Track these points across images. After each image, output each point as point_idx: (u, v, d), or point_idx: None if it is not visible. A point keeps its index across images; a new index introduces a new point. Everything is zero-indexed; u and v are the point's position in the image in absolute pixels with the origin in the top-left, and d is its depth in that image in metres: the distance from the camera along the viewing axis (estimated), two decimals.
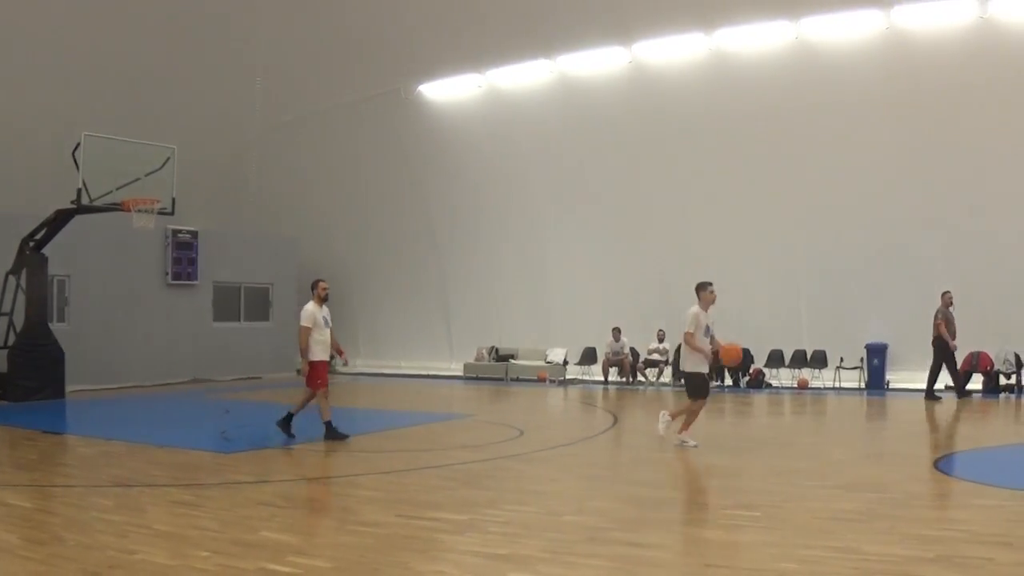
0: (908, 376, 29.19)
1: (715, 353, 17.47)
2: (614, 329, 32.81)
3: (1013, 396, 27.45)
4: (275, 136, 39.04)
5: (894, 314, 29.37)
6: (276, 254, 38.36)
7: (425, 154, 37.21)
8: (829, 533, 10.43)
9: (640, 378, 33.20)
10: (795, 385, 30.60)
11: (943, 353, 26.43)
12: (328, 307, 18.62)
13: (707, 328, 17.26)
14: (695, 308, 17.30)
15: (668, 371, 32.75)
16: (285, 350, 36.42)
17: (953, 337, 26.34)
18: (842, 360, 30.43)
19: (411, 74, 36.14)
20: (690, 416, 17.48)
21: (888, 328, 29.55)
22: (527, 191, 35.71)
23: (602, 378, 33.27)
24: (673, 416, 17.75)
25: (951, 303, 26.51)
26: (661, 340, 32.77)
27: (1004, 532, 10.54)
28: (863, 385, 30.03)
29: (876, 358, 29.76)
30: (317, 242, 39.55)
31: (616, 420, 23.16)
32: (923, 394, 26.44)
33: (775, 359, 31.39)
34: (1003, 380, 28.22)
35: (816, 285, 30.58)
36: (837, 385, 30.34)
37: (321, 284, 18.54)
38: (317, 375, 18.27)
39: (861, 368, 30.20)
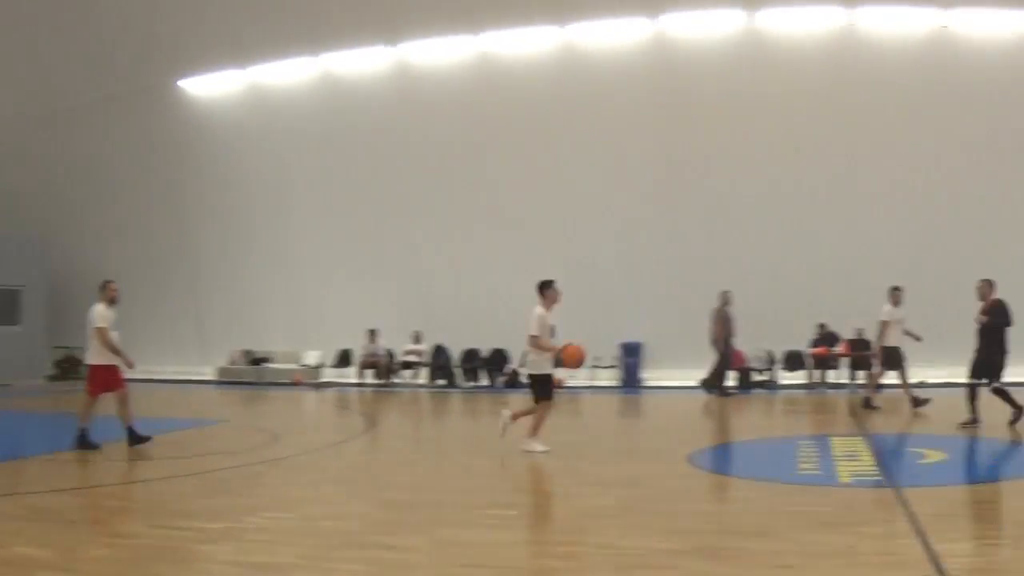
0: (663, 374, 29.75)
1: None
2: (370, 331, 32.60)
3: (766, 392, 28.16)
4: (24, 131, 37.67)
5: (649, 313, 29.88)
6: (26, 255, 36.91)
7: (182, 152, 36.29)
8: (587, 529, 10.49)
9: (396, 380, 33.01)
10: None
11: (725, 349, 27.08)
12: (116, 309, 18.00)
13: (552, 329, 16.82)
14: (539, 309, 16.71)
15: (425, 372, 32.73)
16: (36, 355, 35.46)
17: (732, 335, 26.96)
18: (599, 359, 30.79)
19: (170, 69, 35.35)
20: (537, 420, 16.74)
21: (643, 327, 30.02)
22: (285, 192, 35.22)
23: (358, 380, 32.99)
24: (515, 416, 17.08)
25: (730, 302, 27.10)
26: (417, 341, 32.70)
27: (758, 523, 10.75)
28: (619, 383, 30.36)
29: (631, 356, 30.18)
30: (70, 243, 38.22)
31: (372, 423, 23.06)
32: (705, 388, 27.51)
33: None
34: (756, 376, 28.99)
35: (572, 284, 30.75)
36: (593, 383, 30.59)
37: (111, 285, 17.69)
38: (102, 379, 17.54)
39: (617, 366, 30.56)
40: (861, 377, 29.04)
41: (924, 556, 9.01)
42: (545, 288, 16.90)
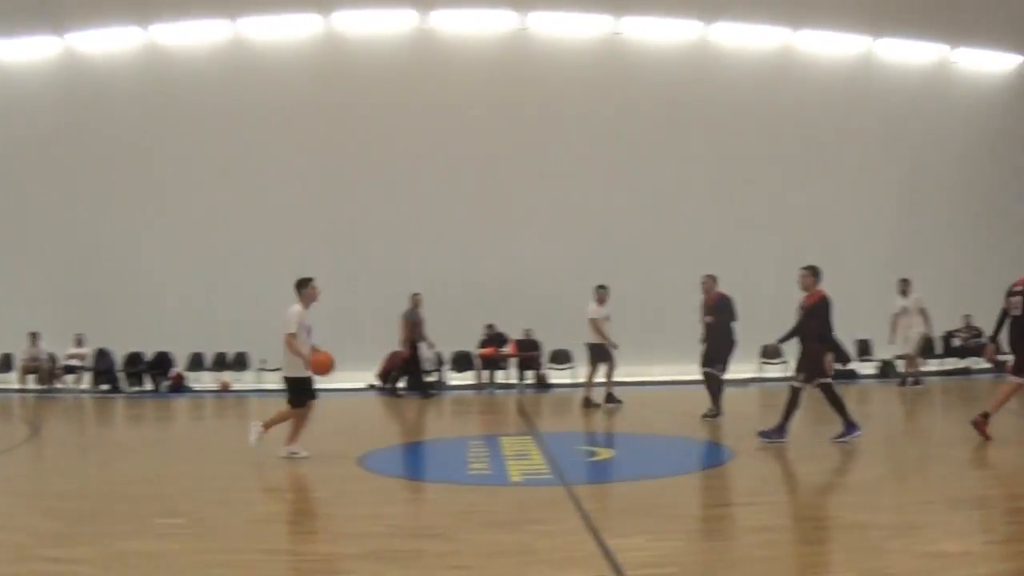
0: (333, 376, 29.61)
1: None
2: (31, 333, 31.45)
3: (436, 393, 28.30)
4: None
5: (320, 314, 29.65)
6: None
7: None
8: (258, 536, 10.37)
9: (59, 385, 31.97)
10: (217, 388, 30.34)
11: (412, 351, 27.11)
12: None
13: (309, 329, 16.39)
14: (296, 307, 16.30)
15: (88, 377, 31.80)
16: None
17: (421, 338, 27.05)
18: (264, 362, 30.44)
19: None
20: (296, 425, 16.34)
21: (314, 328, 29.82)
22: None
23: (20, 386, 31.74)
24: (267, 427, 16.34)
25: (419, 304, 27.13)
26: (80, 345, 31.76)
27: (431, 524, 10.93)
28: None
29: None
30: None
31: (35, 431, 22.30)
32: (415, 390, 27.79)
33: (196, 362, 31.11)
34: (426, 377, 29.16)
35: (238, 285, 30.49)
36: (260, 387, 30.27)
37: None
38: None
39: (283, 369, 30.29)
40: (529, 377, 29.66)
41: (598, 552, 9.28)
42: (302, 286, 16.67)
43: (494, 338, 30.01)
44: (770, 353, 29.53)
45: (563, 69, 30.98)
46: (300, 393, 16.42)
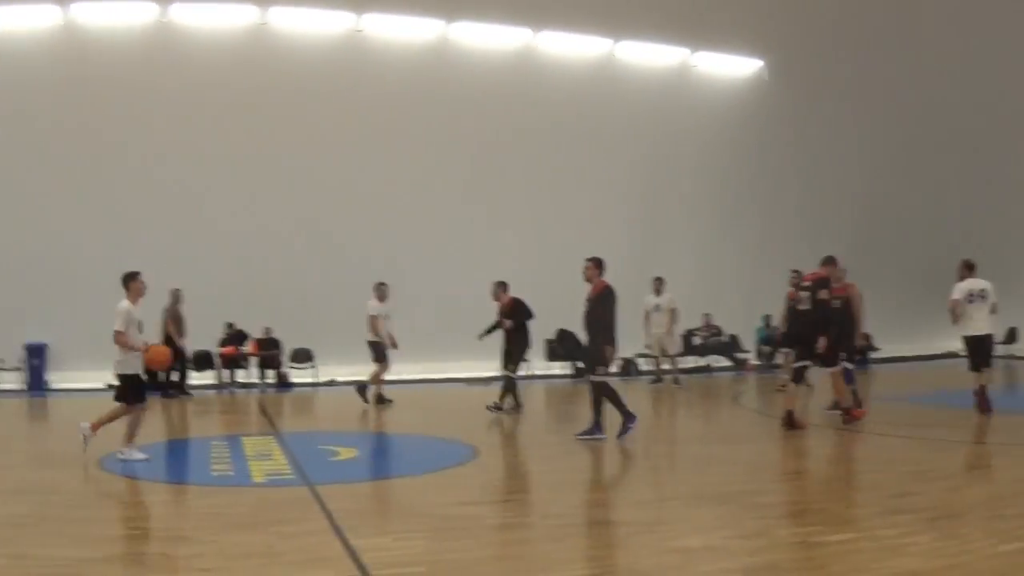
0: (70, 376, 29.00)
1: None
2: None
3: (176, 393, 27.86)
4: None
5: (54, 313, 29.04)
6: None
7: None
8: (1, 540, 10.12)
9: None
10: None
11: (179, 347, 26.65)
12: None
13: (139, 324, 15.72)
14: (124, 303, 15.62)
15: None
16: None
17: (183, 335, 26.58)
18: (2, 361, 29.68)
19: None
20: (132, 425, 15.77)
21: (48, 328, 29.13)
22: None
23: None
24: (95, 427, 15.87)
25: (180, 300, 26.74)
26: None
27: (175, 526, 10.98)
28: (23, 387, 29.36)
29: (36, 358, 29.25)
30: None
31: None
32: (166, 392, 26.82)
33: None
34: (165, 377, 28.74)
35: None
36: None
37: None
38: None
39: (22, 369, 29.56)
40: (270, 376, 29.48)
41: (343, 552, 9.45)
42: (130, 280, 16.01)
43: (234, 336, 29.76)
44: None
45: (305, 66, 30.89)
46: (132, 391, 15.93)
